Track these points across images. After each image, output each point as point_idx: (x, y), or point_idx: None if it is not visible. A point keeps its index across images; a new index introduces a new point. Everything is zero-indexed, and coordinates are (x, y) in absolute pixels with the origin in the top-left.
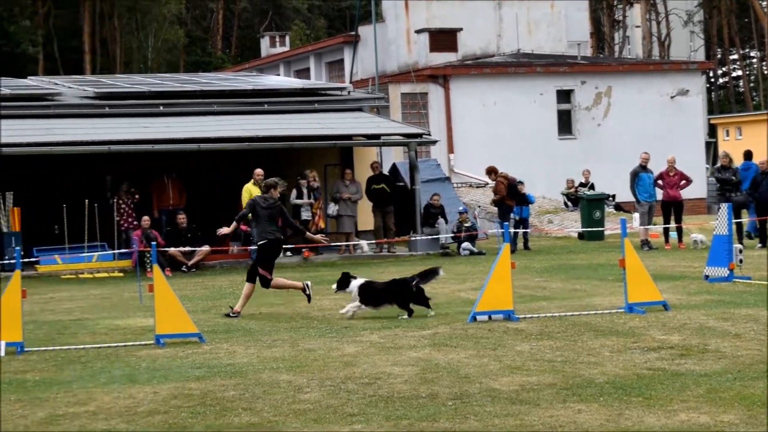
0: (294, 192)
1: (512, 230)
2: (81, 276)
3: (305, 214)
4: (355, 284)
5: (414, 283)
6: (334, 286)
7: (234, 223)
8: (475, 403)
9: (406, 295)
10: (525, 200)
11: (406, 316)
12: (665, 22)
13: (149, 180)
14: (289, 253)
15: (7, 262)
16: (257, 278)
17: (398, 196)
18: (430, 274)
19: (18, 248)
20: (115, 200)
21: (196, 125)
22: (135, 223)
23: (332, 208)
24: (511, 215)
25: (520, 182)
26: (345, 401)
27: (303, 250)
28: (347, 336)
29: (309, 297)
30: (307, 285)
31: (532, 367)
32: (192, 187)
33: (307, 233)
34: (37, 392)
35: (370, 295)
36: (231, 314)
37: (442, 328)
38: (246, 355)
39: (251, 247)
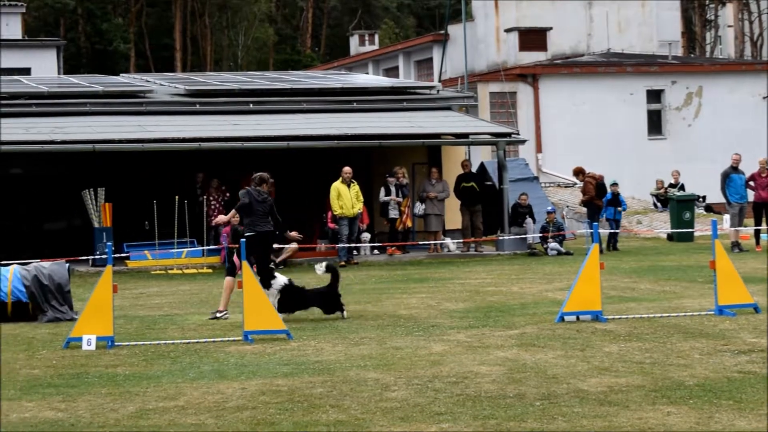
0: (382, 190)
1: (602, 231)
2: (170, 272)
3: (393, 213)
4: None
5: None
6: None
7: (233, 211)
8: (563, 403)
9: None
10: (619, 203)
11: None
12: (758, 22)
13: (238, 177)
14: (376, 252)
15: (98, 257)
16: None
17: (486, 195)
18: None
19: (110, 244)
20: (205, 197)
21: (285, 123)
22: None
23: (419, 208)
24: (604, 216)
25: (614, 183)
26: (432, 400)
27: (388, 248)
28: (434, 335)
29: (216, 318)
30: (222, 313)
31: (620, 368)
32: (280, 185)
33: (288, 232)
34: (128, 386)
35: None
36: (217, 315)
37: (530, 328)
38: (333, 353)
39: (339, 245)
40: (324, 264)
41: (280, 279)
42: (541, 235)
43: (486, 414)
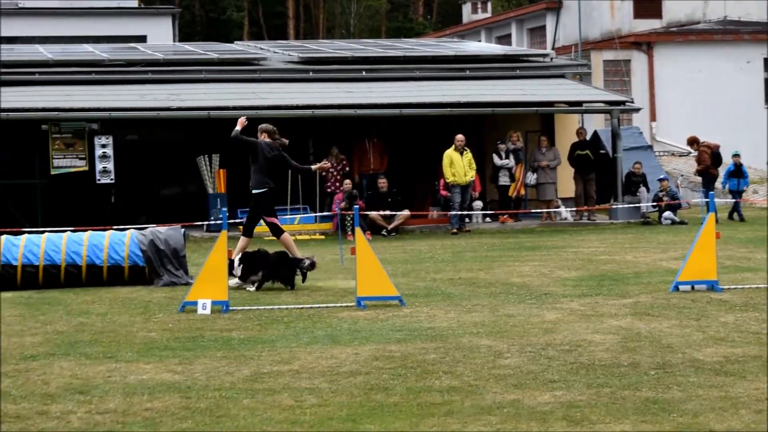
0: (494, 157)
1: (718, 200)
2: None
3: (503, 179)
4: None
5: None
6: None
7: (237, 129)
8: (678, 373)
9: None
10: (742, 173)
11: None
12: None
13: (351, 144)
14: (488, 219)
15: (212, 222)
16: (265, 228)
17: (600, 163)
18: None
19: (224, 209)
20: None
21: (398, 90)
22: (340, 187)
23: (530, 178)
24: (726, 186)
25: (736, 154)
26: (545, 368)
27: (500, 216)
28: (547, 303)
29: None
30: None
31: (736, 338)
32: (393, 152)
33: (314, 166)
34: (242, 350)
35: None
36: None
37: (644, 297)
38: (446, 320)
39: (451, 213)
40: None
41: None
42: (654, 203)
43: (600, 382)
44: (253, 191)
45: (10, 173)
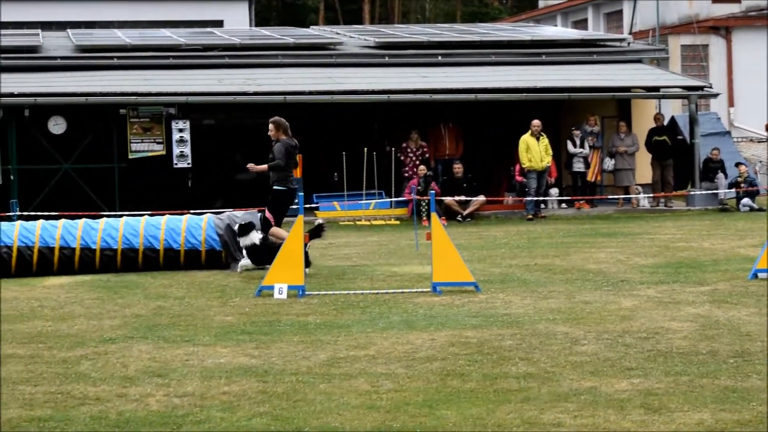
0: (569, 143)
1: None
2: (358, 223)
3: (577, 165)
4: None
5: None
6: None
7: (265, 167)
8: (758, 361)
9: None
10: None
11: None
12: None
13: (426, 129)
14: (563, 205)
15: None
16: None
17: (678, 149)
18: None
19: (301, 194)
20: (402, 147)
21: (474, 75)
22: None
23: (608, 163)
24: None
25: None
26: (622, 355)
27: (575, 202)
28: (624, 290)
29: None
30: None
31: None
32: (468, 137)
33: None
34: (319, 335)
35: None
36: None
37: (722, 285)
38: (522, 306)
39: (526, 199)
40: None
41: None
42: (733, 190)
43: (678, 370)
44: (278, 188)
45: (89, 157)
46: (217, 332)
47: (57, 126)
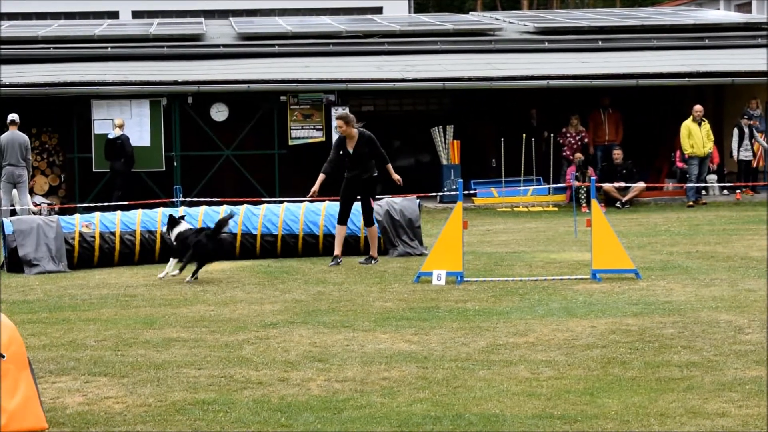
0: (735, 132)
1: None
2: (516, 209)
3: (744, 154)
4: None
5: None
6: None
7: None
8: None
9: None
10: None
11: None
12: None
13: (585, 115)
14: (725, 192)
15: (446, 193)
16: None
17: None
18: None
19: (461, 181)
20: (562, 133)
21: (635, 60)
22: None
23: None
24: None
25: None
26: None
27: (737, 191)
28: None
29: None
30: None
31: None
32: (628, 123)
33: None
34: (478, 321)
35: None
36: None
37: None
38: (683, 293)
39: (687, 185)
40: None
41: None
42: None
43: None
44: (368, 178)
45: (250, 144)
46: (377, 318)
47: (219, 113)
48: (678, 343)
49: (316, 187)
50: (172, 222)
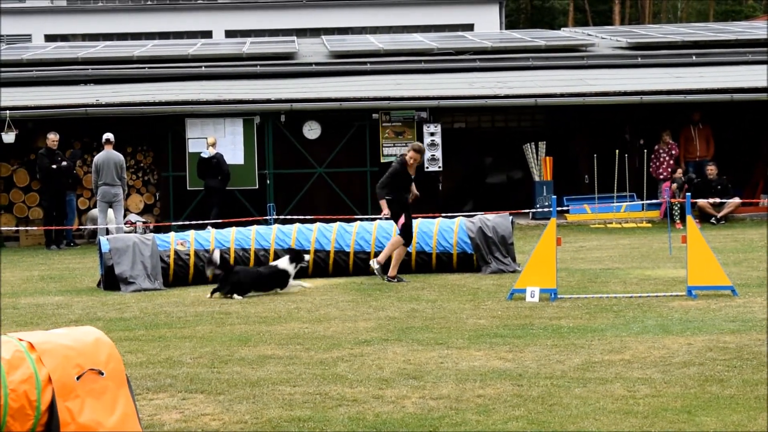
0: None
1: None
2: (609, 225)
3: None
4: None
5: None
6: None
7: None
8: None
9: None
10: None
11: None
12: None
13: (676, 131)
14: None
15: (538, 210)
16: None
17: None
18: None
19: (554, 197)
20: (655, 149)
21: (729, 75)
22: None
23: None
24: None
25: None
26: None
27: None
28: None
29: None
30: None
31: None
32: (720, 138)
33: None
34: (572, 338)
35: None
36: (389, 279)
37: None
38: None
39: None
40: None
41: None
42: None
43: None
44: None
45: (342, 161)
46: (470, 335)
47: (312, 131)
48: None
49: (387, 211)
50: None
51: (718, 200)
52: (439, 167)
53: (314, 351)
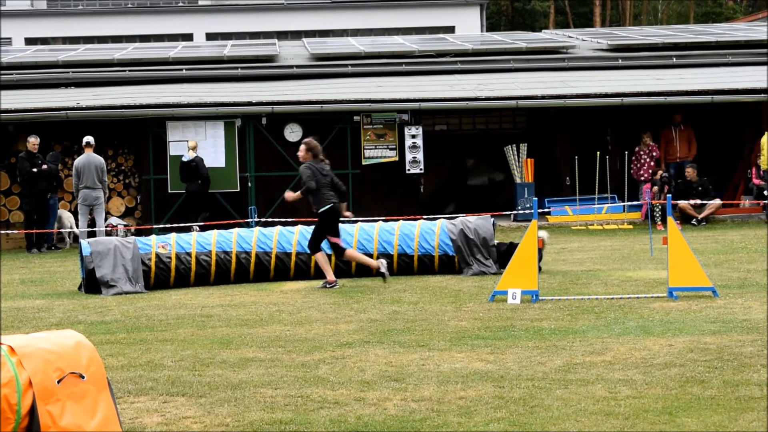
0: None
1: None
2: (590, 227)
3: None
4: None
5: None
6: None
7: (299, 194)
8: None
9: None
10: None
11: None
12: None
13: (657, 132)
14: None
15: (520, 212)
16: (329, 247)
17: None
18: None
19: (535, 199)
20: (636, 151)
21: (710, 77)
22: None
23: None
24: None
25: None
26: None
27: None
28: None
29: (384, 276)
30: (381, 263)
31: None
32: (701, 139)
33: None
34: (554, 340)
35: None
36: (327, 286)
37: None
38: (761, 311)
39: (764, 202)
40: None
41: None
42: None
43: None
44: (320, 210)
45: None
46: (452, 337)
47: (293, 133)
48: (758, 362)
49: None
50: None
51: (699, 202)
52: (421, 169)
53: (296, 353)
